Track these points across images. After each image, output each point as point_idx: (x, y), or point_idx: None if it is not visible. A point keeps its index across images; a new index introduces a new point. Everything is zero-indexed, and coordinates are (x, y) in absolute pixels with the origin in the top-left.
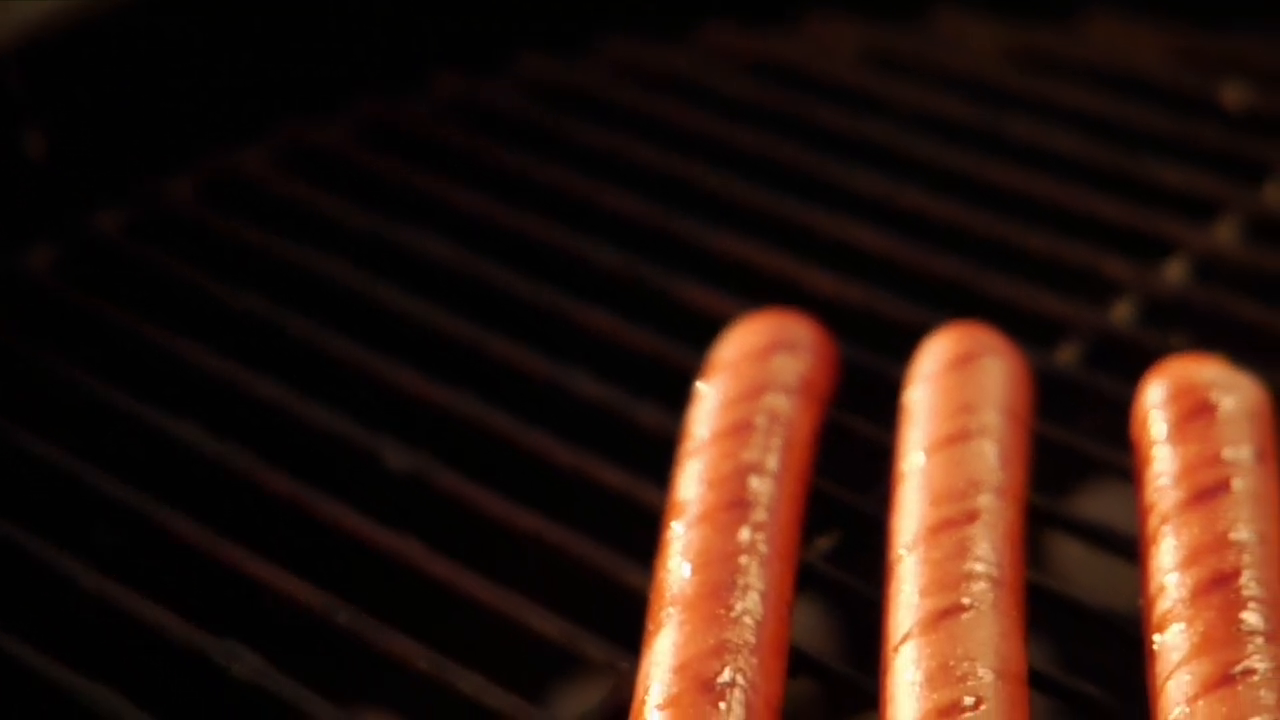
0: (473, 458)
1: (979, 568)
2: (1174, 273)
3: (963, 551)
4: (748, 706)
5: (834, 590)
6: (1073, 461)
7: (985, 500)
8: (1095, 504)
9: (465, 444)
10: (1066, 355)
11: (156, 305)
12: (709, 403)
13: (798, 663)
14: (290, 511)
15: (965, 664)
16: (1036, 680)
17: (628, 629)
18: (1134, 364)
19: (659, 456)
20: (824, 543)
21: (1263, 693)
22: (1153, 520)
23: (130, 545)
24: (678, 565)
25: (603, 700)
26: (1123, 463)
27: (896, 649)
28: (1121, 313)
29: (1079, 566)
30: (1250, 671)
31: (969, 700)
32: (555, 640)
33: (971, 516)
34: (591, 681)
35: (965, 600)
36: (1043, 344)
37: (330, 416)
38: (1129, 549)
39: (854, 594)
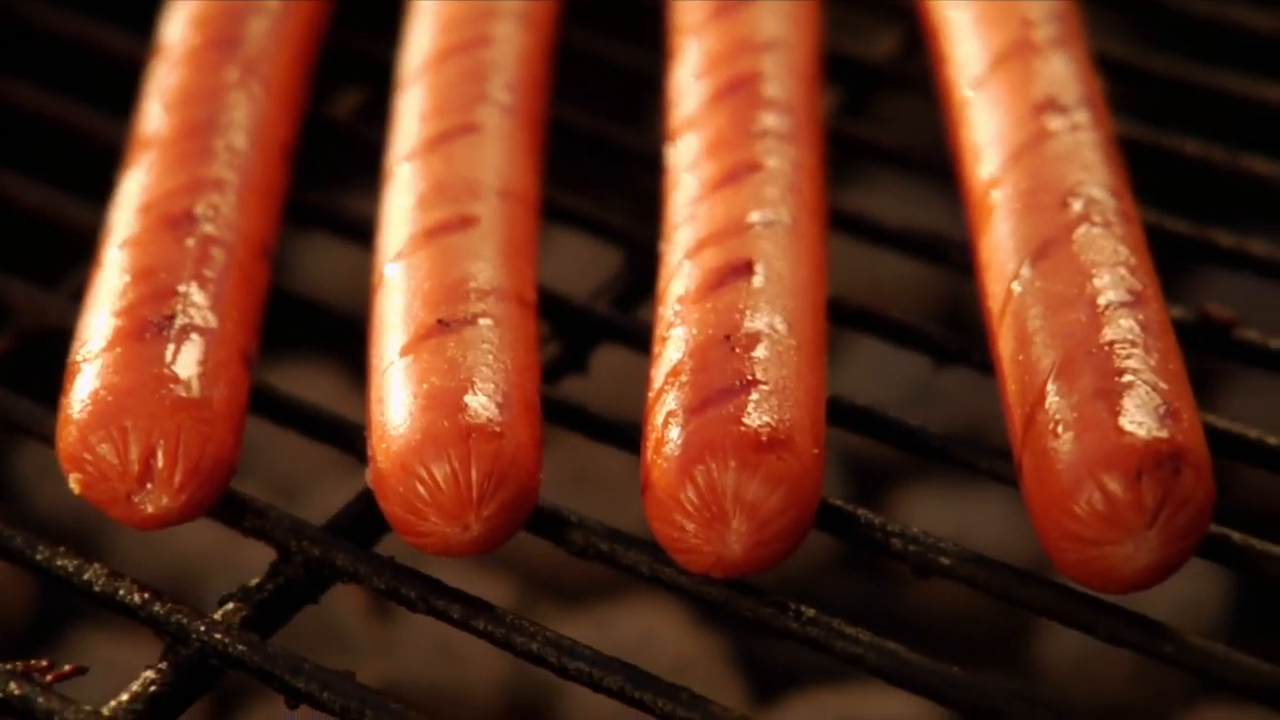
0: None
1: (489, 90)
2: None
3: (473, 76)
4: (223, 244)
5: (357, 143)
6: None
7: (502, 28)
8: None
9: None
10: None
11: None
12: None
13: (309, 215)
14: None
15: (461, 184)
16: (556, 211)
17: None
18: None
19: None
20: (351, 98)
21: (768, 188)
22: (677, 36)
23: None
24: (154, 108)
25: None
26: None
27: (392, 171)
28: None
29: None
30: (757, 168)
31: (459, 219)
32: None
33: (484, 41)
34: (74, 248)
35: (470, 122)
36: None
37: None
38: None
39: (376, 146)
